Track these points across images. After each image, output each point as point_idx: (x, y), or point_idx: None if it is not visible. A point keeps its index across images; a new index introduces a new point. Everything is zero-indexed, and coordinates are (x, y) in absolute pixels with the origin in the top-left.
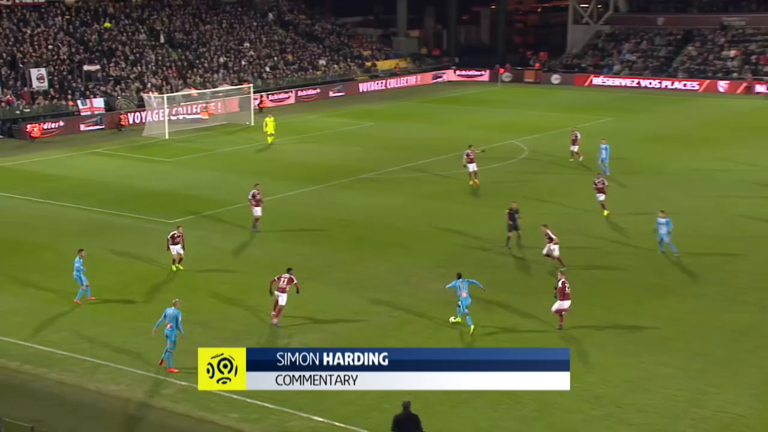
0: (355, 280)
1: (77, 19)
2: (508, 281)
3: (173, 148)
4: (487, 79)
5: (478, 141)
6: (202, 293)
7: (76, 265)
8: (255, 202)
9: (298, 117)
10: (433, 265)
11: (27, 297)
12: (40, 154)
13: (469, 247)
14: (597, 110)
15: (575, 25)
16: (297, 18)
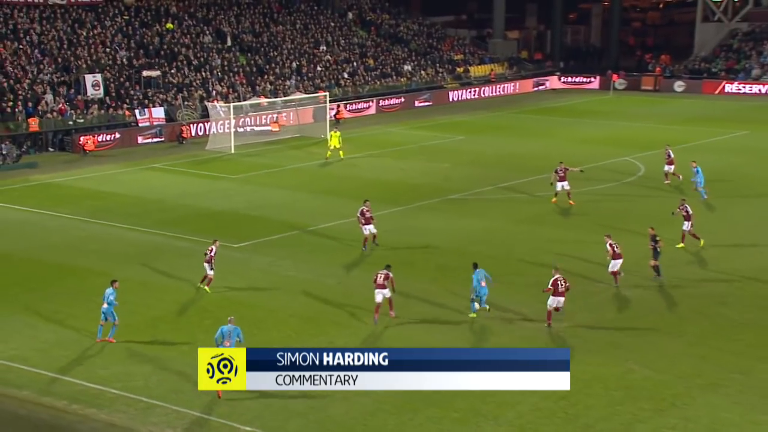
0: (441, 316)
1: (137, 20)
2: (635, 316)
3: (239, 163)
4: (597, 87)
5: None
6: (267, 325)
7: (110, 298)
8: (364, 220)
9: (379, 129)
10: (531, 299)
11: (75, 328)
12: (93, 169)
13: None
14: (729, 123)
15: (705, 23)
16: (380, 18)
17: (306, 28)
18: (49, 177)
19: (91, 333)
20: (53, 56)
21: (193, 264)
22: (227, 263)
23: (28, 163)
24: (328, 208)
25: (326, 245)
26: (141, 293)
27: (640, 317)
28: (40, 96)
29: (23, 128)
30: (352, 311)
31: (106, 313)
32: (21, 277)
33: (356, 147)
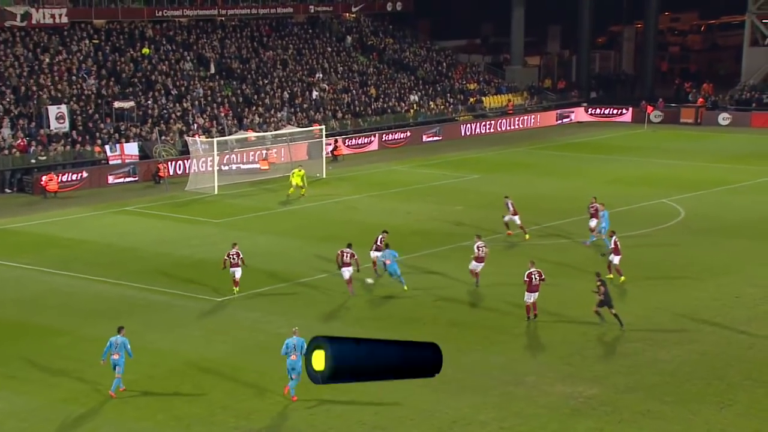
0: (453, 379)
1: (107, 44)
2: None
3: (223, 205)
4: (629, 120)
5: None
6: (254, 391)
7: (127, 346)
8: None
9: (382, 167)
10: (557, 360)
11: (34, 394)
12: (56, 213)
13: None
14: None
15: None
16: (383, 42)
17: (299, 54)
18: (5, 222)
19: (50, 400)
20: (11, 85)
21: (170, 320)
22: (209, 319)
23: None
24: (324, 257)
25: (321, 299)
26: None
27: (683, 382)
28: None
29: None
30: None
31: (119, 364)
32: None
33: (356, 187)
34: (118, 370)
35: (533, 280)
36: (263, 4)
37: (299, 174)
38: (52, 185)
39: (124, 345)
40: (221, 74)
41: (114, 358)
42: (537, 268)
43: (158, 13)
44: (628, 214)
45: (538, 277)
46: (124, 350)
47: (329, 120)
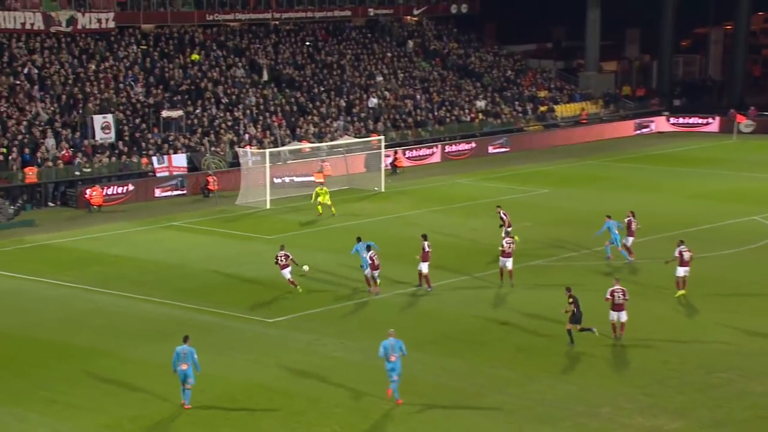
0: (520, 408)
1: (156, 50)
2: None
3: (276, 221)
4: (716, 130)
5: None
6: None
7: (194, 356)
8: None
9: (445, 180)
10: (634, 390)
11: (77, 420)
12: (101, 228)
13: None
14: None
15: None
16: (446, 46)
17: (357, 60)
18: (48, 237)
19: (94, 426)
20: (56, 94)
21: (219, 343)
22: (261, 342)
23: (24, 221)
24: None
25: (379, 320)
26: (155, 378)
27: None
28: (39, 141)
29: (18, 179)
30: (412, 401)
31: (189, 375)
32: (10, 359)
33: (416, 202)
34: (189, 381)
35: (616, 299)
36: (319, 6)
37: (324, 192)
38: (97, 198)
39: (191, 355)
40: (274, 81)
41: (182, 369)
42: (621, 286)
43: (209, 17)
44: (713, 232)
45: (621, 296)
46: (191, 360)
47: (388, 130)
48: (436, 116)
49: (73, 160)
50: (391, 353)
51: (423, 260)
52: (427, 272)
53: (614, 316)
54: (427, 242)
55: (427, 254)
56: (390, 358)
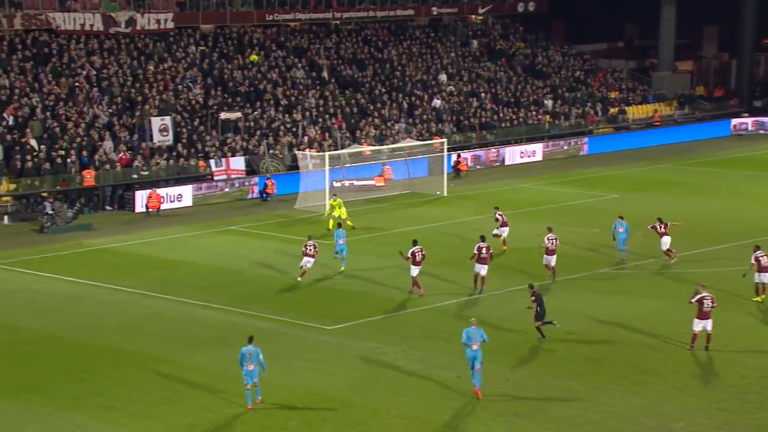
0: (588, 421)
1: (215, 50)
2: None
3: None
4: None
5: None
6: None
7: (260, 357)
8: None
9: (509, 184)
10: (710, 405)
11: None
12: (158, 232)
13: None
14: None
15: None
16: (513, 46)
17: (420, 60)
18: (105, 241)
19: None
20: (114, 95)
21: (276, 350)
22: (319, 349)
23: (82, 225)
24: (445, 283)
25: (441, 328)
26: (212, 386)
27: None
28: (98, 143)
29: (76, 182)
30: (476, 413)
31: (255, 375)
32: (68, 365)
33: (480, 206)
34: (255, 381)
35: (705, 306)
36: (381, 6)
37: (337, 204)
38: (154, 202)
39: (257, 355)
40: (335, 82)
41: (249, 369)
42: (709, 292)
43: (269, 17)
44: None
45: (710, 303)
46: (257, 360)
47: (452, 132)
48: (502, 118)
49: (131, 163)
50: (473, 341)
51: (480, 263)
52: (484, 275)
53: (700, 325)
54: (484, 243)
55: (485, 258)
56: (472, 346)
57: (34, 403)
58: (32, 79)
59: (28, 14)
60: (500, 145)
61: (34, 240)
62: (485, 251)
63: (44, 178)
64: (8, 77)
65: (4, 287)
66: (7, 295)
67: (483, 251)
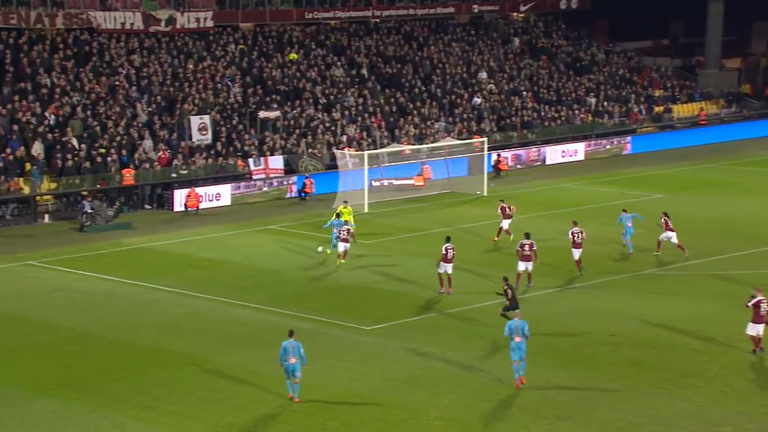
0: (630, 425)
1: (254, 49)
2: None
3: (374, 225)
4: None
5: None
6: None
7: (300, 351)
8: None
9: (550, 184)
10: (758, 409)
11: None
12: (196, 231)
13: None
14: None
15: None
16: (555, 44)
17: (461, 59)
18: (144, 240)
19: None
20: (153, 94)
21: (314, 350)
22: (357, 350)
23: (121, 224)
24: (484, 283)
25: (480, 330)
26: (251, 386)
27: None
28: (137, 142)
29: (116, 181)
30: (517, 415)
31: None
32: (107, 364)
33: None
34: (297, 375)
35: (761, 310)
36: (422, 4)
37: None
38: (192, 201)
39: (298, 349)
40: (374, 81)
41: (291, 363)
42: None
43: (308, 15)
44: None
45: (767, 308)
46: (298, 354)
47: (492, 131)
48: (543, 116)
49: (170, 162)
50: (516, 334)
51: (523, 260)
52: (530, 270)
53: (755, 330)
54: (528, 241)
55: (529, 256)
56: (515, 338)
57: (74, 401)
58: (73, 78)
59: (70, 13)
60: (541, 144)
61: (73, 239)
62: (528, 248)
63: (84, 176)
64: (50, 76)
65: (44, 286)
66: (47, 293)
67: (526, 248)
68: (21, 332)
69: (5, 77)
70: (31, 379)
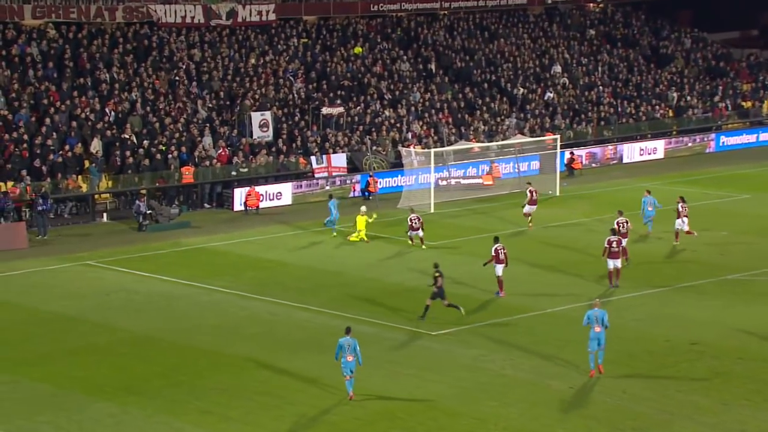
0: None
1: (318, 42)
2: None
3: (440, 226)
4: None
5: None
6: None
7: (356, 350)
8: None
9: (628, 183)
10: None
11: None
12: (257, 231)
13: None
14: None
15: None
16: (635, 35)
17: (533, 52)
18: (203, 240)
19: None
20: (213, 89)
21: (378, 355)
22: (422, 356)
23: (180, 223)
24: (555, 288)
25: (551, 336)
26: (312, 392)
27: None
28: (197, 139)
29: (175, 179)
30: (591, 426)
31: (353, 368)
32: (165, 367)
33: (595, 207)
34: (352, 373)
35: None
36: None
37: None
38: (253, 200)
39: (354, 346)
40: (442, 75)
41: (347, 361)
42: None
43: (373, 8)
44: None
45: None
46: (354, 352)
47: (566, 128)
48: (621, 112)
49: (230, 160)
50: (595, 323)
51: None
52: (619, 267)
53: None
54: (615, 237)
55: (617, 252)
56: (594, 328)
57: (132, 405)
58: (132, 73)
59: (130, 7)
60: (618, 142)
61: (132, 238)
62: (616, 245)
63: (143, 175)
64: (109, 72)
65: (102, 286)
66: (105, 294)
67: (614, 245)
68: (79, 333)
69: (65, 72)
70: (88, 382)
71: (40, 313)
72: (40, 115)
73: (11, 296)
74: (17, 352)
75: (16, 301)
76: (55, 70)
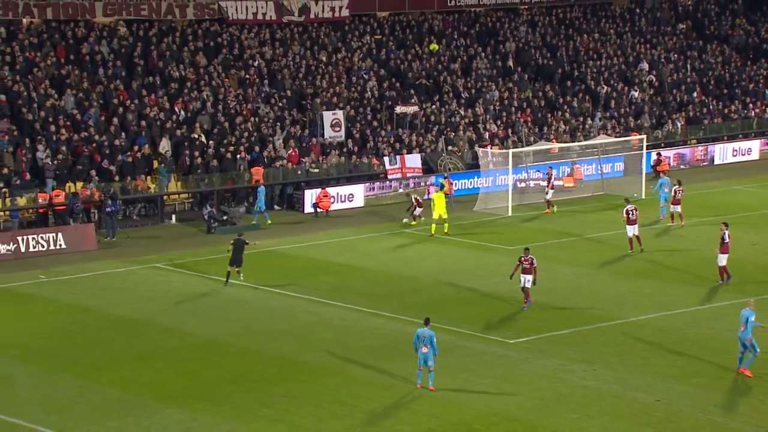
0: None
1: (391, 39)
2: None
3: (518, 230)
4: None
5: None
6: None
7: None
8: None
9: (719, 186)
10: None
11: None
12: (328, 234)
13: None
14: None
15: None
16: (730, 26)
17: (619, 48)
18: (273, 243)
19: None
20: (284, 88)
21: (454, 364)
22: (500, 365)
23: (249, 226)
24: (641, 296)
25: (637, 347)
26: (383, 401)
27: None
28: (267, 139)
29: (245, 180)
30: None
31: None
32: (234, 373)
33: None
34: (429, 365)
35: None
36: None
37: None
38: (325, 202)
39: (431, 338)
40: (521, 73)
41: (423, 352)
42: None
43: (450, 3)
44: None
45: None
46: (430, 344)
47: (652, 128)
48: (712, 111)
49: (301, 160)
50: (742, 322)
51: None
52: (724, 264)
53: None
54: (727, 231)
55: (727, 245)
56: (741, 327)
57: (201, 411)
58: (203, 72)
59: (201, 3)
60: (709, 142)
61: (201, 240)
62: (633, 213)
63: (212, 175)
64: (179, 69)
65: (171, 289)
66: (173, 297)
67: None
68: (148, 338)
69: (135, 70)
70: (157, 388)
71: (109, 316)
72: (110, 114)
73: (81, 298)
74: (87, 356)
75: (86, 304)
76: (124, 68)
